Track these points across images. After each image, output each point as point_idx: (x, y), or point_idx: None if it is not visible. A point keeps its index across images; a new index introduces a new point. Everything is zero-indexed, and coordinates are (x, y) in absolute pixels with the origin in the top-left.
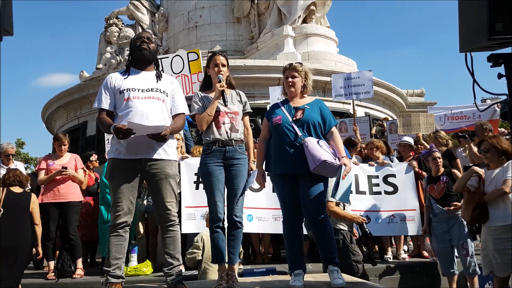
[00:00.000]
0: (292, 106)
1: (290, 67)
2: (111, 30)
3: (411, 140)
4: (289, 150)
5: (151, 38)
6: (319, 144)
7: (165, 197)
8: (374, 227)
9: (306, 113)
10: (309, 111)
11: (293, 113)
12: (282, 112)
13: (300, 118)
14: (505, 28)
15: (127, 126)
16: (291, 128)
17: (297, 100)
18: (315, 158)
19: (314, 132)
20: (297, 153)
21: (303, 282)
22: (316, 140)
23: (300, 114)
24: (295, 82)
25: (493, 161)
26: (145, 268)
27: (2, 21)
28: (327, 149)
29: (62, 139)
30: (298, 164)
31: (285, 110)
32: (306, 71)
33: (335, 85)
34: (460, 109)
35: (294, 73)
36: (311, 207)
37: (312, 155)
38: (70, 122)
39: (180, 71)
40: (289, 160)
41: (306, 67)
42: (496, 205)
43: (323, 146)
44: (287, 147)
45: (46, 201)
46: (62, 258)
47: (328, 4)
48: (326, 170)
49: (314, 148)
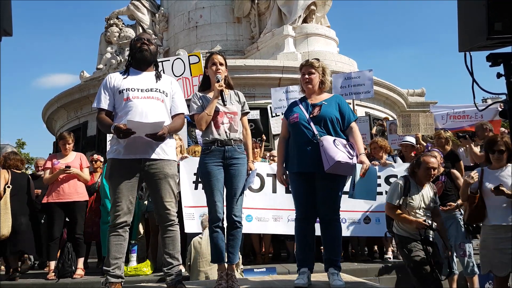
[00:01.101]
0: (309, 103)
1: (307, 64)
2: (112, 30)
3: (413, 140)
4: (307, 148)
5: (151, 40)
6: (335, 144)
7: (164, 197)
8: (374, 228)
9: (323, 109)
10: (327, 107)
11: (311, 110)
12: (299, 110)
13: (317, 115)
14: (504, 27)
15: (127, 126)
16: (308, 126)
17: (315, 96)
18: (329, 159)
19: (332, 128)
20: (314, 151)
21: (308, 281)
22: (332, 139)
23: (317, 111)
24: (312, 78)
25: (502, 161)
26: (145, 268)
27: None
28: (343, 149)
29: (66, 138)
30: (315, 163)
31: (303, 107)
32: (323, 67)
33: (335, 85)
34: (462, 108)
35: (311, 69)
36: (324, 207)
37: (327, 155)
38: (70, 122)
39: (181, 74)
40: (306, 159)
41: (323, 63)
42: (497, 205)
43: (339, 145)
44: (304, 145)
45: (51, 201)
46: (63, 258)
47: (329, 4)
48: (341, 169)
49: (329, 148)
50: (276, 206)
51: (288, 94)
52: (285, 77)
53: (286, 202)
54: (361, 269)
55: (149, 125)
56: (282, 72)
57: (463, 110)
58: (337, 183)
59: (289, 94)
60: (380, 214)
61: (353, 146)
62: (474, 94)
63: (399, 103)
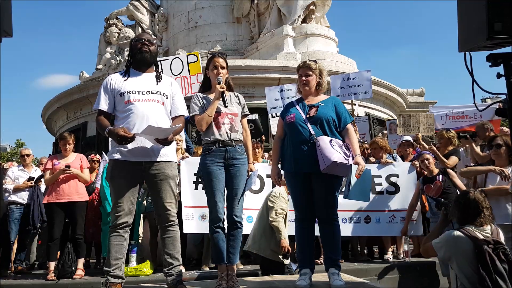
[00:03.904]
0: (306, 104)
1: (304, 65)
2: (111, 30)
3: (410, 138)
4: (303, 148)
5: (152, 40)
6: (331, 144)
7: (164, 198)
8: (374, 227)
9: (320, 110)
10: (323, 108)
11: (307, 111)
12: (296, 110)
13: (314, 116)
14: (504, 27)
15: (145, 131)
16: (305, 126)
17: (312, 98)
18: (326, 159)
19: (329, 129)
20: (311, 151)
21: (309, 282)
22: (329, 139)
23: (314, 111)
24: (309, 80)
25: (502, 158)
26: (145, 269)
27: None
28: (339, 149)
29: (67, 138)
30: (311, 163)
31: (299, 108)
32: (320, 69)
33: (334, 86)
34: (461, 108)
35: (308, 71)
36: (321, 207)
37: (323, 155)
38: (70, 123)
39: (180, 73)
40: (302, 159)
41: (321, 65)
42: (497, 205)
43: (335, 146)
44: (300, 145)
45: (51, 201)
46: (63, 258)
47: (328, 4)
48: (337, 170)
49: (326, 148)
50: None
51: (283, 93)
52: (284, 77)
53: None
54: (361, 269)
55: (164, 130)
56: (282, 72)
57: (462, 110)
58: (333, 183)
59: (284, 93)
60: (381, 214)
61: (349, 147)
62: (474, 94)
63: (398, 103)
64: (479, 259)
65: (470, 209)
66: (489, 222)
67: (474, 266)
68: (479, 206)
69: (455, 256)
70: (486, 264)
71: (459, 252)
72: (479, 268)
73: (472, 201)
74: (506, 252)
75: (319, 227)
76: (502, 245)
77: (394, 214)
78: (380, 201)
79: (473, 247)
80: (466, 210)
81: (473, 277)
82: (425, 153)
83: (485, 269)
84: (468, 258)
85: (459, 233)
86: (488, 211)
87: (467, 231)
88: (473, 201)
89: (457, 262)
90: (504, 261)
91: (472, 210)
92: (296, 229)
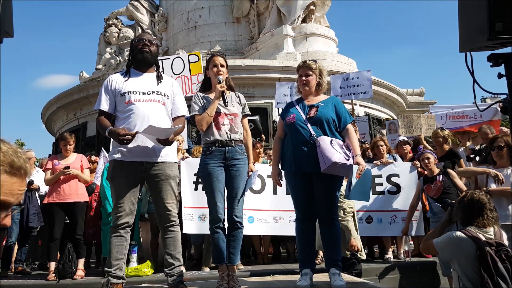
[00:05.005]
0: (306, 104)
1: (304, 65)
2: (111, 30)
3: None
4: (303, 149)
5: (152, 40)
6: (331, 144)
7: (165, 198)
8: (376, 227)
9: (319, 110)
10: (323, 108)
11: (307, 111)
12: (296, 111)
13: (314, 116)
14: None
15: (146, 131)
16: (305, 126)
17: (311, 98)
18: (326, 159)
19: (329, 129)
20: (311, 151)
21: (310, 282)
22: (329, 139)
23: (314, 111)
24: (309, 80)
25: (504, 159)
26: (146, 269)
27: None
28: (339, 149)
29: (67, 139)
30: (312, 163)
31: (299, 108)
32: (320, 69)
33: (334, 86)
34: (461, 108)
35: (308, 71)
36: (322, 207)
37: (324, 155)
38: (70, 123)
39: (180, 72)
40: (302, 159)
41: (321, 65)
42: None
43: (336, 146)
44: (301, 145)
45: (51, 201)
46: (63, 259)
47: (328, 4)
48: (338, 170)
49: (326, 148)
50: (277, 207)
51: (292, 90)
52: (284, 77)
53: (287, 203)
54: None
55: (165, 130)
56: (282, 72)
57: (462, 110)
58: (333, 183)
59: (293, 90)
60: (382, 214)
61: (350, 147)
62: (475, 94)
63: (398, 103)
64: (481, 261)
65: (473, 210)
66: (493, 224)
67: (476, 267)
68: (482, 207)
69: (457, 257)
70: (488, 266)
71: (461, 253)
72: (481, 270)
73: (476, 202)
74: (508, 254)
75: (320, 228)
76: (505, 247)
77: (395, 214)
78: (382, 201)
79: (475, 248)
80: (469, 211)
81: (475, 279)
82: (426, 152)
83: (487, 271)
84: (470, 259)
85: (461, 234)
86: (492, 213)
87: (470, 232)
88: (476, 202)
89: (459, 263)
90: (506, 263)
91: (476, 211)
92: (296, 229)
